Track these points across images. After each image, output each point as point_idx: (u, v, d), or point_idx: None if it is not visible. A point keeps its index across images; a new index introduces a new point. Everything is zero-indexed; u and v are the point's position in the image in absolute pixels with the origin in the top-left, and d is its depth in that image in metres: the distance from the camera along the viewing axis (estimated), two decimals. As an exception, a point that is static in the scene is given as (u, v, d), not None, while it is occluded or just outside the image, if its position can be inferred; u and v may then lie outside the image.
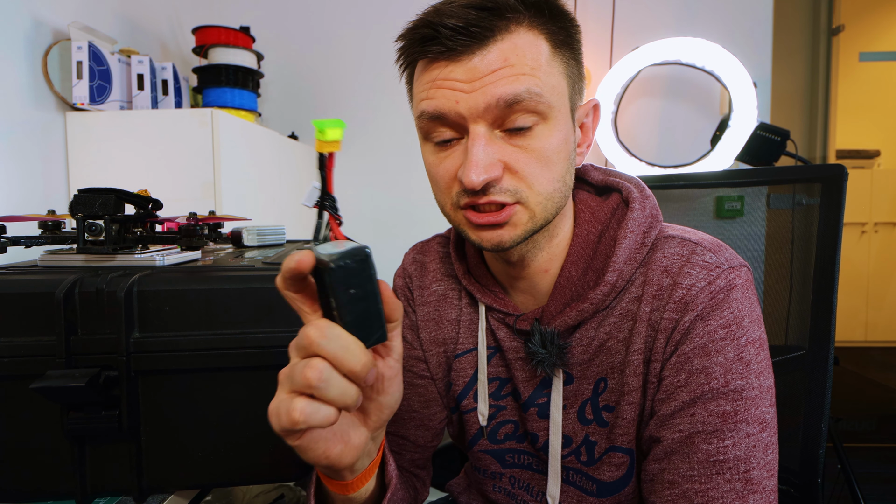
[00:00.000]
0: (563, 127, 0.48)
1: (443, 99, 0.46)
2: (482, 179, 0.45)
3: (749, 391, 0.46)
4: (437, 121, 0.48)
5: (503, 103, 0.45)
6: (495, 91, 0.45)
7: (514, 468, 0.61)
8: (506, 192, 0.47)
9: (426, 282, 0.66)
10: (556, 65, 0.48)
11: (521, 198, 0.48)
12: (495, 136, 0.47)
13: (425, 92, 0.48)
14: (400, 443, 0.64)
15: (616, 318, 0.53)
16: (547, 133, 0.47)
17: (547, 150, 0.47)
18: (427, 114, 0.48)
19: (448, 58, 0.46)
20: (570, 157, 0.50)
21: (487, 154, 0.46)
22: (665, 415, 0.49)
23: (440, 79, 0.47)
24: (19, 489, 0.55)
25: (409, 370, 0.65)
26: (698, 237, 0.53)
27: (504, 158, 0.47)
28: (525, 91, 0.45)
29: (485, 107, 0.45)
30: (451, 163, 0.49)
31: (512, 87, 0.45)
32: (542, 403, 0.57)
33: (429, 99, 0.48)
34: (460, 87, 0.46)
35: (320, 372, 0.33)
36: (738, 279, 0.49)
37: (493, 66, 0.45)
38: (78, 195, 0.58)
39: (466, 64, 0.45)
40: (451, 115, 0.47)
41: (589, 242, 0.55)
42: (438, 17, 0.45)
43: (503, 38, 0.45)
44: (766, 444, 0.46)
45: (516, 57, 0.45)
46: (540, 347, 0.54)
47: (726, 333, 0.47)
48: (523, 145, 0.47)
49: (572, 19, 0.50)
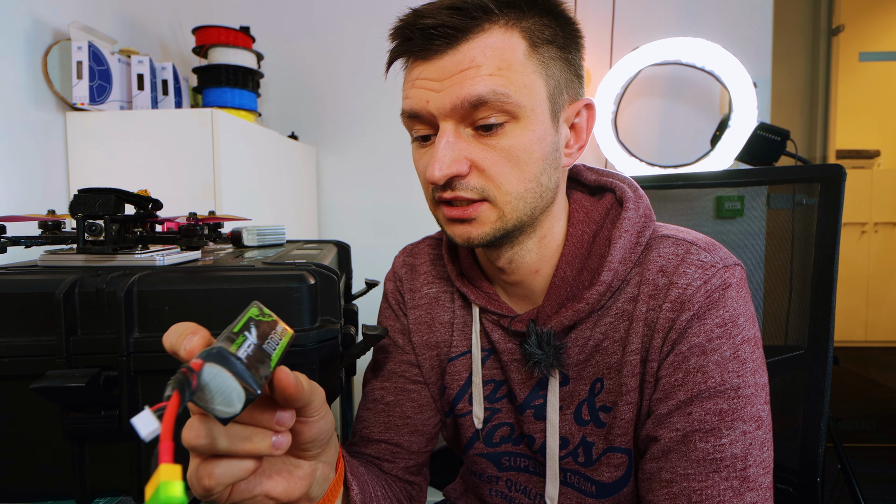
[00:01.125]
0: (536, 127, 0.48)
1: (416, 98, 0.48)
2: (443, 174, 0.47)
3: (745, 389, 0.47)
4: (414, 119, 0.50)
5: (468, 104, 0.46)
6: (460, 92, 0.46)
7: (510, 471, 0.61)
8: (471, 189, 0.48)
9: (417, 284, 0.65)
10: (533, 64, 0.47)
11: (489, 196, 0.49)
12: (464, 134, 0.48)
13: (405, 91, 0.50)
14: (393, 450, 0.63)
15: (612, 318, 0.53)
16: (517, 132, 0.47)
17: (516, 150, 0.47)
18: (405, 112, 0.50)
19: (423, 58, 0.48)
20: (546, 157, 0.49)
21: (452, 150, 0.47)
22: (662, 414, 0.49)
23: (415, 78, 0.49)
24: (19, 489, 0.55)
25: (401, 375, 0.64)
26: (692, 236, 0.53)
27: (471, 156, 0.48)
28: (489, 92, 0.45)
29: (451, 107, 0.46)
30: (427, 159, 0.51)
31: (475, 88, 0.45)
32: (538, 405, 0.57)
33: (406, 98, 0.50)
34: (431, 87, 0.47)
35: (202, 436, 0.32)
36: (733, 278, 0.49)
37: (461, 65, 0.46)
38: (78, 195, 0.58)
39: (437, 63, 0.47)
40: (423, 113, 0.48)
41: (583, 242, 0.55)
42: (415, 18, 0.47)
43: (475, 37, 0.46)
44: (762, 441, 0.47)
45: (484, 57, 0.46)
46: (536, 348, 0.53)
47: (722, 332, 0.48)
48: (492, 144, 0.48)
49: (565, 17, 0.50)
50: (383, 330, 0.59)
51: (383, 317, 0.68)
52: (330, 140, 1.90)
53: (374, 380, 0.65)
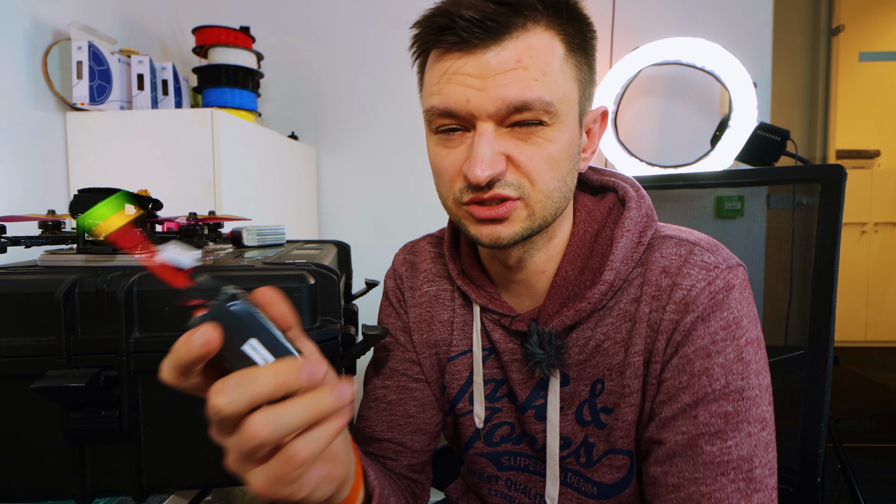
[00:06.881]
0: (569, 130, 0.48)
1: (453, 95, 0.46)
2: (487, 175, 0.45)
3: (750, 391, 0.47)
4: (446, 116, 0.48)
5: (512, 108, 0.45)
6: (506, 94, 0.44)
7: (510, 471, 0.61)
8: (510, 185, 0.47)
9: (417, 283, 0.65)
10: (569, 69, 0.47)
11: (524, 193, 0.48)
12: (501, 132, 0.47)
13: (437, 85, 0.47)
14: (396, 449, 0.63)
15: (614, 318, 0.52)
16: (554, 134, 0.47)
17: (551, 150, 0.47)
18: (437, 110, 0.48)
19: (462, 49, 0.45)
20: (573, 160, 0.50)
21: (493, 149, 0.46)
22: (667, 417, 0.49)
23: (451, 72, 0.46)
24: (19, 489, 0.55)
25: (403, 374, 0.64)
26: (695, 237, 0.53)
27: (508, 151, 0.47)
28: (536, 100, 0.45)
29: (494, 109, 0.45)
30: (456, 157, 0.49)
31: (523, 93, 0.44)
32: (539, 405, 0.57)
33: (439, 94, 0.47)
34: (472, 84, 0.45)
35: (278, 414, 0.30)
36: (736, 279, 0.49)
37: (506, 65, 0.44)
38: (78, 195, 0.58)
39: (480, 58, 0.45)
40: (461, 112, 0.46)
41: (585, 242, 0.55)
42: (456, 7, 0.45)
43: (519, 35, 0.45)
44: (767, 442, 0.47)
45: (530, 59, 0.45)
46: (538, 348, 0.53)
47: (726, 334, 0.48)
48: (530, 141, 0.47)
49: (589, 23, 0.50)
50: (383, 330, 0.59)
51: (384, 314, 0.68)
52: (330, 140, 1.90)
53: (376, 378, 0.65)
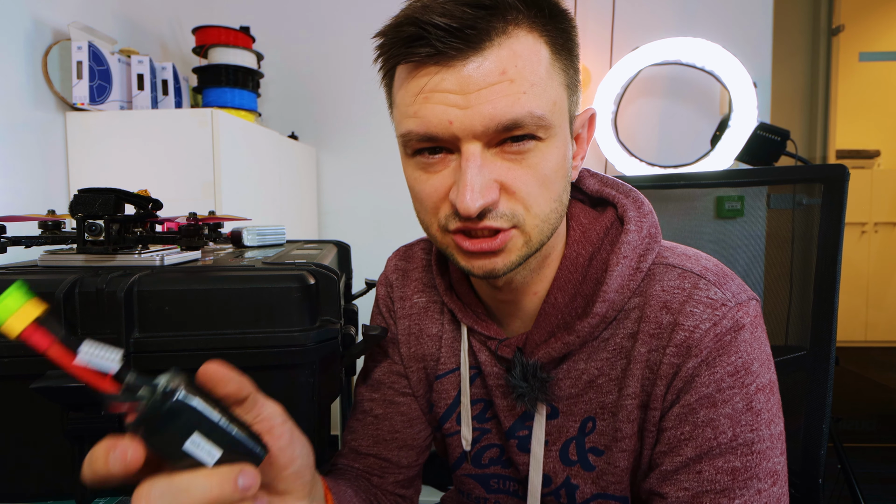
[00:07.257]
0: (562, 143, 0.44)
1: (433, 117, 0.41)
2: (479, 205, 0.40)
3: (759, 444, 0.43)
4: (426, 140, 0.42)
5: (501, 127, 0.40)
6: (493, 112, 0.39)
7: (499, 493, 0.58)
8: (503, 216, 0.42)
9: (408, 292, 0.62)
10: (556, 74, 0.43)
11: (518, 221, 0.43)
12: (489, 154, 0.42)
13: (412, 106, 0.42)
14: (382, 465, 0.60)
15: (609, 353, 0.49)
16: (547, 150, 0.42)
17: (546, 170, 0.42)
18: (415, 135, 0.42)
19: (438, 62, 0.40)
20: (567, 175, 0.46)
21: (483, 175, 0.41)
22: (668, 470, 0.45)
23: (428, 89, 0.40)
24: (19, 489, 0.55)
25: (389, 386, 0.62)
26: (700, 266, 0.47)
27: (500, 178, 0.42)
28: (527, 115, 0.40)
29: (482, 129, 0.40)
30: (439, 182, 0.43)
31: (512, 109, 0.39)
32: (523, 437, 0.53)
33: (416, 116, 0.41)
34: (453, 101, 0.40)
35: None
36: (746, 317, 0.44)
37: (489, 78, 0.39)
38: (78, 195, 0.58)
39: (460, 71, 0.39)
40: (443, 136, 0.41)
41: (578, 266, 0.50)
42: (427, 13, 0.39)
43: (501, 42, 0.40)
44: (778, 497, 0.43)
45: (516, 68, 0.40)
46: (521, 381, 0.50)
47: (734, 381, 0.43)
48: (521, 162, 0.42)
49: (571, 19, 0.45)
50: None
51: (374, 322, 0.66)
52: (330, 140, 1.90)
53: (363, 388, 0.64)
